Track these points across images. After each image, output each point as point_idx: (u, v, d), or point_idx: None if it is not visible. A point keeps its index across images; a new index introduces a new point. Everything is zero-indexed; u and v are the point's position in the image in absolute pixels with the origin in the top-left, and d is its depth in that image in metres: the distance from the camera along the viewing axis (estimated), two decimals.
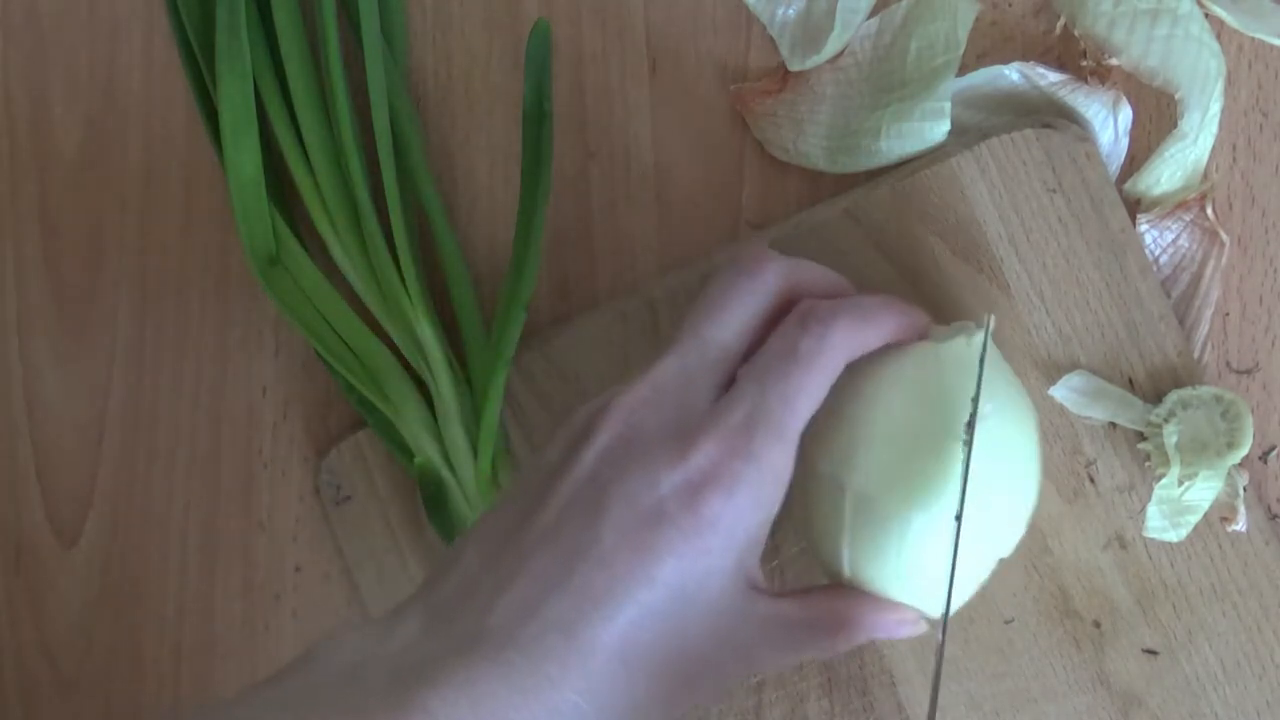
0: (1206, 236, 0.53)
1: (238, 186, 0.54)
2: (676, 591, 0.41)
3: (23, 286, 0.59)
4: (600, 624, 0.41)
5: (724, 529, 0.42)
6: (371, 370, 0.54)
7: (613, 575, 0.41)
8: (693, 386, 0.44)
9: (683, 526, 0.41)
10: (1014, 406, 0.48)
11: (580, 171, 0.56)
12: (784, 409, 0.43)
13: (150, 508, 0.58)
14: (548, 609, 0.41)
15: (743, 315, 0.45)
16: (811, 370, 0.44)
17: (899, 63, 0.54)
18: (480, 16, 0.57)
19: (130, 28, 0.59)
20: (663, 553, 0.41)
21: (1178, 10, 0.51)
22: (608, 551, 0.41)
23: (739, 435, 0.42)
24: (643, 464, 0.42)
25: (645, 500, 0.42)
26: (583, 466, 0.43)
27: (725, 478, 0.42)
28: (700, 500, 0.41)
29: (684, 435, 0.42)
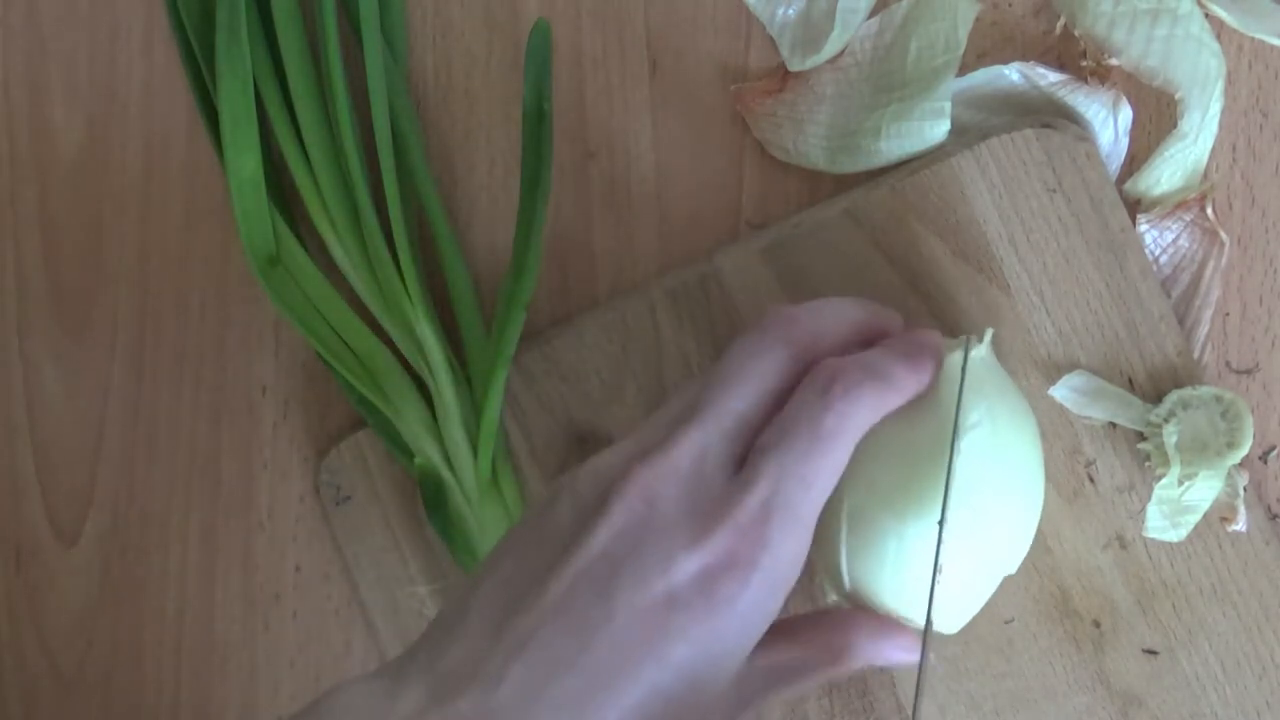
0: (1206, 236, 0.53)
1: (238, 186, 0.54)
2: (687, 675, 0.41)
3: (23, 286, 0.59)
4: (609, 706, 0.40)
5: (738, 615, 0.41)
6: (371, 370, 0.54)
7: (624, 656, 0.40)
8: (710, 462, 0.43)
9: (697, 612, 0.41)
10: (1017, 424, 0.48)
11: (580, 171, 0.56)
12: (803, 494, 0.42)
13: (150, 508, 0.58)
14: (556, 688, 0.40)
15: (763, 385, 0.44)
16: (833, 450, 0.43)
17: (899, 63, 0.54)
18: (480, 17, 0.57)
19: (130, 28, 0.59)
20: (675, 636, 0.41)
21: (1178, 10, 0.51)
22: (619, 630, 0.41)
23: (757, 523, 0.41)
24: (658, 544, 0.41)
25: (660, 583, 0.41)
26: (597, 540, 0.42)
27: (742, 565, 0.41)
28: (716, 587, 0.41)
29: (701, 517, 0.42)
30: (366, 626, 0.56)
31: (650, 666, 0.40)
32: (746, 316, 0.53)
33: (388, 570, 0.55)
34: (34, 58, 0.59)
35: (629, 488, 0.42)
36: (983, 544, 0.47)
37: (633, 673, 0.40)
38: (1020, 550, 0.48)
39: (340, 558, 0.56)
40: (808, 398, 0.43)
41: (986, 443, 0.46)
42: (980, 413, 0.46)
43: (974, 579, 0.47)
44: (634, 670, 0.40)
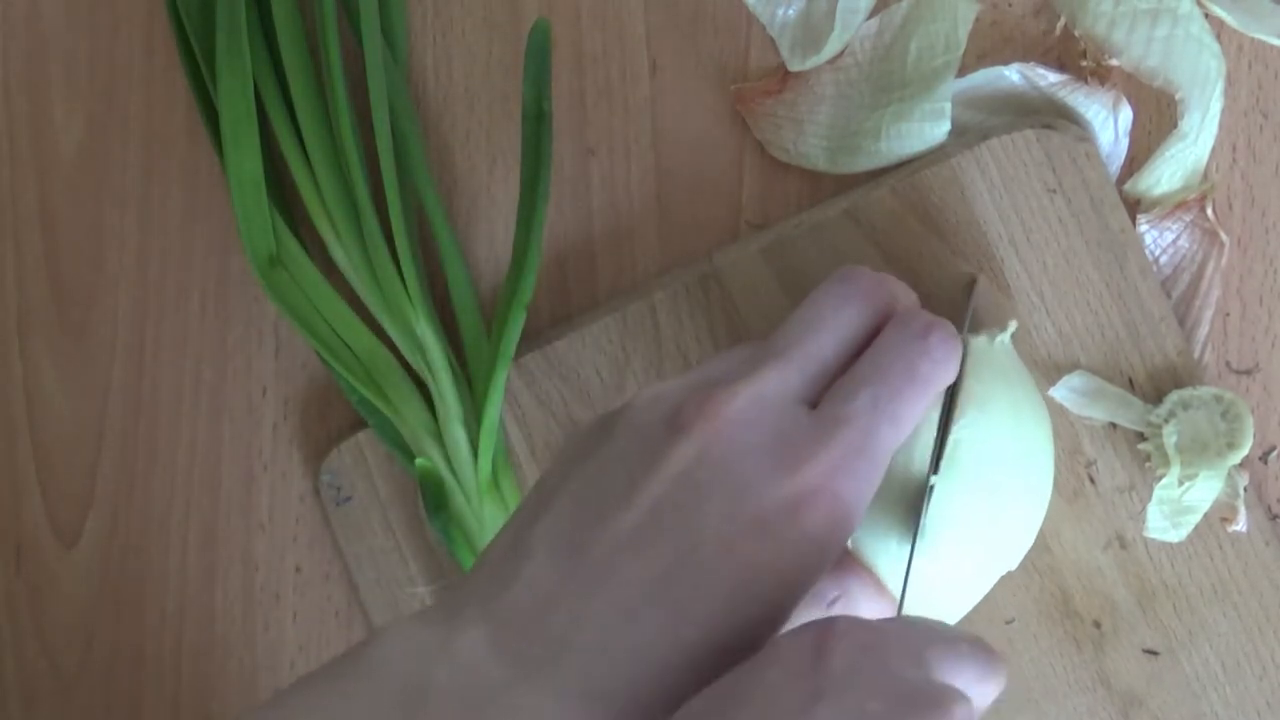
0: (1206, 237, 0.53)
1: (238, 186, 0.54)
2: (767, 605, 0.39)
3: (23, 286, 0.59)
4: (697, 641, 0.38)
5: (819, 549, 0.39)
6: (371, 370, 0.54)
7: (712, 590, 0.38)
8: (792, 400, 0.41)
9: (785, 542, 0.39)
10: (1034, 417, 0.48)
11: (580, 171, 0.56)
12: (891, 432, 0.41)
13: (150, 508, 0.58)
14: (640, 624, 0.38)
15: (844, 333, 0.43)
16: (924, 395, 0.42)
17: (899, 63, 0.54)
18: (480, 16, 0.57)
19: (130, 28, 0.59)
20: (765, 567, 0.38)
21: (1178, 10, 0.51)
22: (708, 559, 0.38)
23: (849, 456, 0.40)
24: (745, 468, 0.39)
25: (748, 507, 0.39)
26: (676, 462, 0.39)
27: (829, 496, 0.39)
28: (805, 516, 0.39)
29: (791, 446, 0.40)
30: (367, 628, 0.56)
31: (740, 598, 0.38)
32: (746, 317, 0.53)
33: (388, 570, 0.55)
34: (34, 58, 0.59)
35: (711, 408, 0.40)
36: (986, 533, 0.47)
37: (721, 607, 0.38)
38: (1023, 546, 0.48)
39: (340, 558, 0.56)
40: (905, 338, 0.43)
41: (1000, 429, 0.46)
42: (999, 396, 0.46)
43: (974, 571, 0.47)
44: (723, 604, 0.38)
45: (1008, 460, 0.47)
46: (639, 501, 0.39)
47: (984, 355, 0.48)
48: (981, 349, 0.48)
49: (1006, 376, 0.48)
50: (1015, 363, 0.49)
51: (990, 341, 0.48)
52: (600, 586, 0.38)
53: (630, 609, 0.38)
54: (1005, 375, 0.48)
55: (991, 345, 0.48)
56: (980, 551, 0.47)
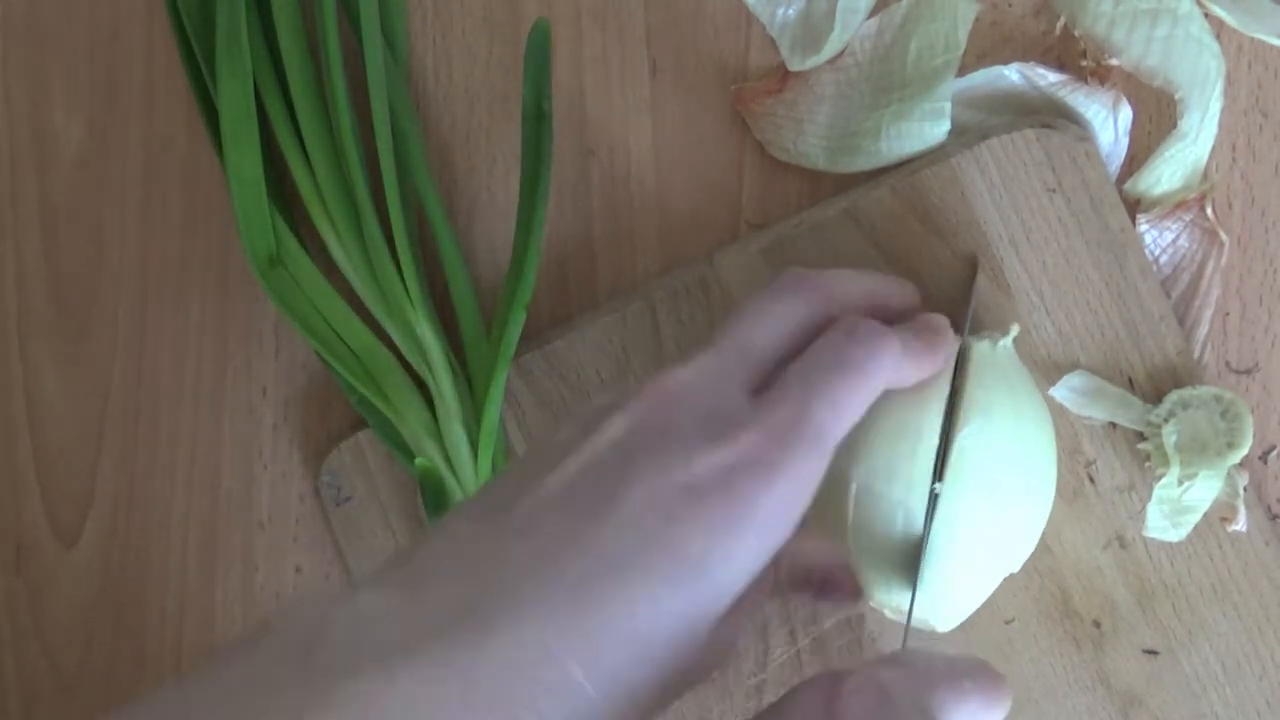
0: (1206, 236, 0.53)
1: (238, 186, 0.54)
2: (700, 572, 0.38)
3: (23, 286, 0.59)
4: (615, 591, 0.37)
5: (758, 520, 0.39)
6: (371, 370, 0.54)
7: (636, 540, 0.38)
8: (729, 383, 0.42)
9: (716, 506, 0.38)
10: (1036, 421, 0.48)
11: (580, 171, 0.56)
12: (829, 413, 0.41)
13: (150, 508, 0.58)
14: (553, 571, 0.37)
15: (782, 325, 0.44)
16: (858, 380, 0.42)
17: (899, 63, 0.54)
18: (480, 16, 0.57)
19: (130, 28, 0.59)
20: (694, 527, 0.38)
21: (1178, 10, 0.51)
22: (633, 516, 0.38)
23: (783, 429, 0.40)
24: (679, 440, 0.39)
25: (679, 473, 0.39)
26: (609, 432, 0.40)
27: (764, 466, 0.39)
28: (738, 483, 0.39)
29: (724, 422, 0.40)
30: None
31: (663, 555, 0.38)
32: None
33: None
34: (34, 58, 0.59)
35: (648, 388, 0.41)
36: (989, 537, 0.47)
37: (644, 559, 0.38)
38: (1025, 548, 0.49)
39: (340, 558, 0.56)
40: (835, 334, 0.43)
41: (1003, 434, 0.46)
42: (1002, 401, 0.47)
43: (976, 574, 0.47)
44: (646, 556, 0.38)
45: (1011, 465, 0.47)
46: (569, 464, 0.39)
47: (986, 360, 0.48)
48: (984, 354, 0.48)
49: (1009, 381, 0.48)
50: (1017, 366, 0.49)
51: (992, 346, 0.48)
52: (513, 541, 0.38)
53: (540, 561, 0.37)
54: (1008, 380, 0.48)
55: (994, 350, 0.48)
56: (984, 555, 0.47)
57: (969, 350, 0.48)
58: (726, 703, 0.53)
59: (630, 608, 0.37)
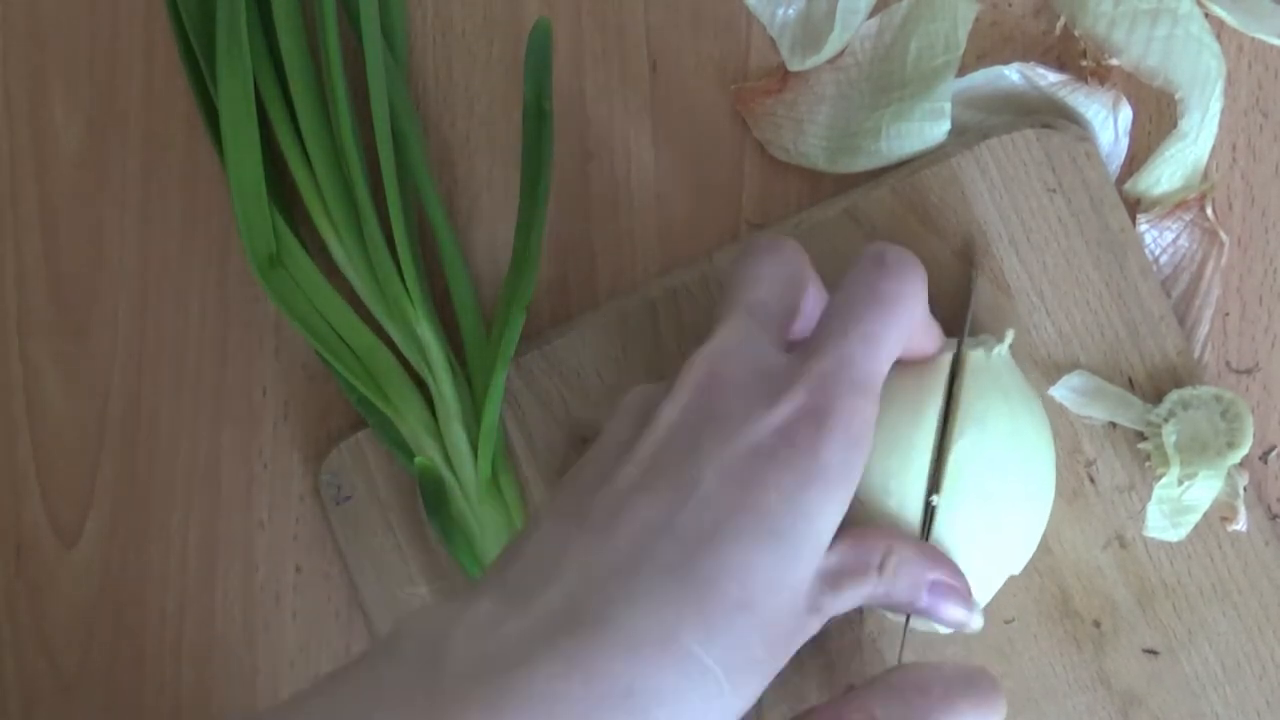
0: (1206, 236, 0.53)
1: (238, 186, 0.54)
2: (787, 529, 0.39)
3: (23, 286, 0.59)
4: (713, 561, 0.38)
5: (821, 467, 0.40)
6: (371, 370, 0.54)
7: (719, 513, 0.39)
8: (760, 346, 0.43)
9: (781, 460, 0.40)
10: (1033, 426, 0.48)
11: (580, 171, 0.56)
12: (868, 351, 0.42)
13: (150, 508, 0.58)
14: (653, 555, 0.38)
15: (775, 280, 0.45)
16: (894, 313, 0.43)
17: (899, 63, 0.54)
18: (480, 16, 0.57)
19: (130, 28, 0.59)
20: (767, 485, 0.39)
21: (1178, 10, 0.51)
22: (710, 489, 0.39)
23: (828, 379, 0.41)
24: (733, 408, 0.41)
25: (742, 439, 0.40)
26: (667, 417, 0.41)
27: (819, 415, 0.40)
28: (797, 436, 0.40)
29: (771, 380, 0.41)
30: (367, 627, 0.56)
31: (747, 519, 0.39)
32: None
33: (388, 570, 0.55)
34: (34, 58, 0.59)
35: (690, 369, 0.42)
36: (989, 542, 0.47)
37: (731, 529, 0.39)
38: (1025, 552, 0.49)
39: (340, 558, 0.56)
40: (861, 268, 0.44)
41: (1000, 443, 0.47)
42: (998, 411, 0.47)
43: (976, 579, 0.47)
44: (732, 526, 0.39)
45: (1009, 473, 0.47)
46: (636, 456, 0.41)
47: (982, 368, 0.48)
48: (979, 362, 0.48)
49: (1005, 389, 0.48)
50: (1013, 372, 0.49)
51: (988, 354, 0.48)
52: (609, 535, 0.39)
53: (636, 551, 0.39)
54: (1003, 388, 0.48)
55: (989, 358, 0.48)
56: (983, 561, 0.47)
57: (964, 358, 0.48)
58: None
59: (731, 577, 0.39)
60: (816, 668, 0.53)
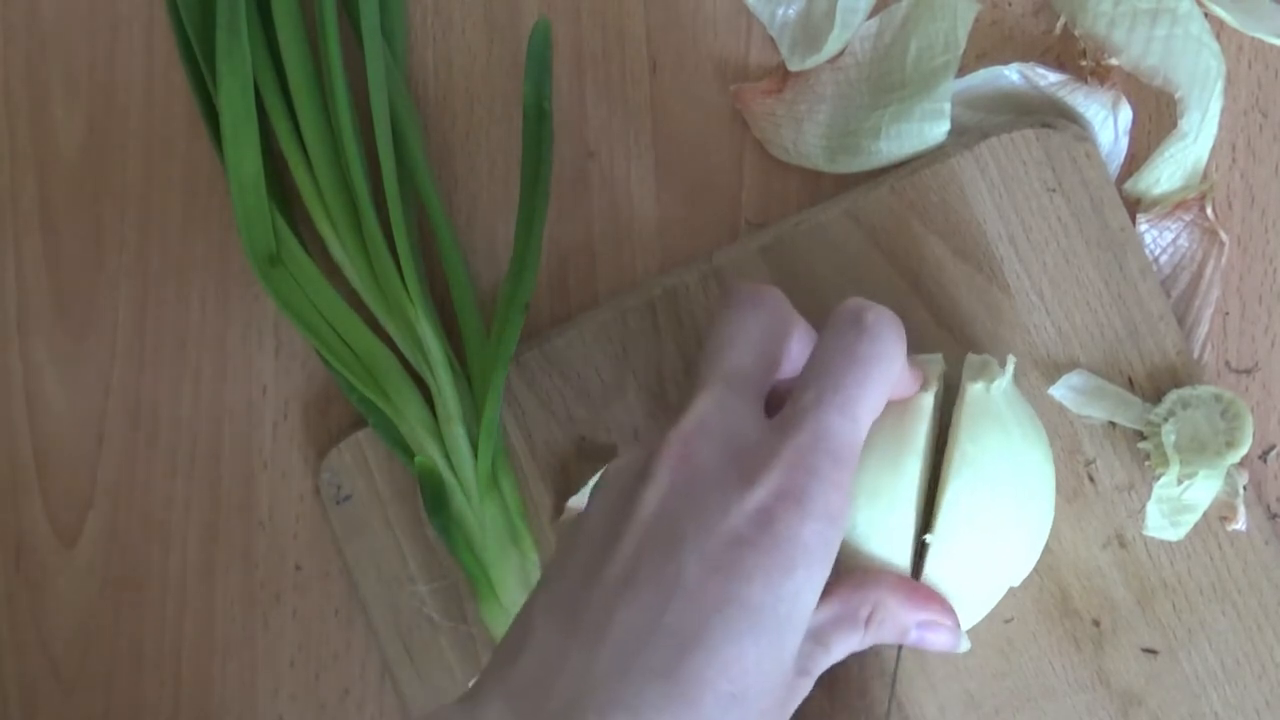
0: (1206, 236, 0.53)
1: (238, 186, 0.54)
2: (771, 618, 0.40)
3: (23, 286, 0.59)
4: (702, 659, 0.39)
5: (802, 549, 0.40)
6: (371, 370, 0.54)
7: (705, 608, 0.39)
8: (738, 416, 0.42)
9: (763, 548, 0.40)
10: (1031, 451, 0.48)
11: (580, 171, 0.56)
12: (845, 422, 0.41)
13: (150, 508, 0.58)
14: (644, 658, 0.39)
15: (752, 340, 0.44)
16: (872, 377, 0.42)
17: (899, 63, 0.54)
18: (480, 16, 0.57)
19: (130, 28, 0.59)
20: (749, 576, 0.40)
21: (1178, 10, 0.51)
22: (694, 584, 0.40)
23: (804, 454, 0.41)
24: (711, 493, 0.41)
25: (721, 528, 0.40)
26: (647, 506, 0.41)
27: (796, 497, 0.40)
28: (776, 520, 0.40)
29: (747, 459, 0.41)
30: (366, 626, 0.56)
31: (732, 612, 0.39)
32: None
33: (388, 570, 0.55)
34: (34, 57, 0.59)
35: (669, 448, 0.42)
36: (986, 568, 0.47)
37: (717, 624, 0.39)
38: (1025, 567, 0.49)
39: (340, 557, 0.56)
40: (839, 327, 0.43)
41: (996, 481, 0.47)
42: (995, 451, 0.47)
43: (973, 599, 0.48)
44: (719, 620, 0.39)
45: (1005, 508, 0.47)
46: (621, 550, 0.41)
47: (980, 405, 0.47)
48: (978, 398, 0.47)
49: (1004, 425, 0.47)
50: (1015, 404, 0.48)
51: (987, 389, 0.47)
52: (600, 639, 0.40)
53: (628, 655, 0.39)
54: (1002, 424, 0.47)
55: (989, 392, 0.47)
56: (980, 583, 0.48)
57: (964, 392, 0.48)
58: None
59: (721, 673, 0.39)
60: None
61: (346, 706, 0.57)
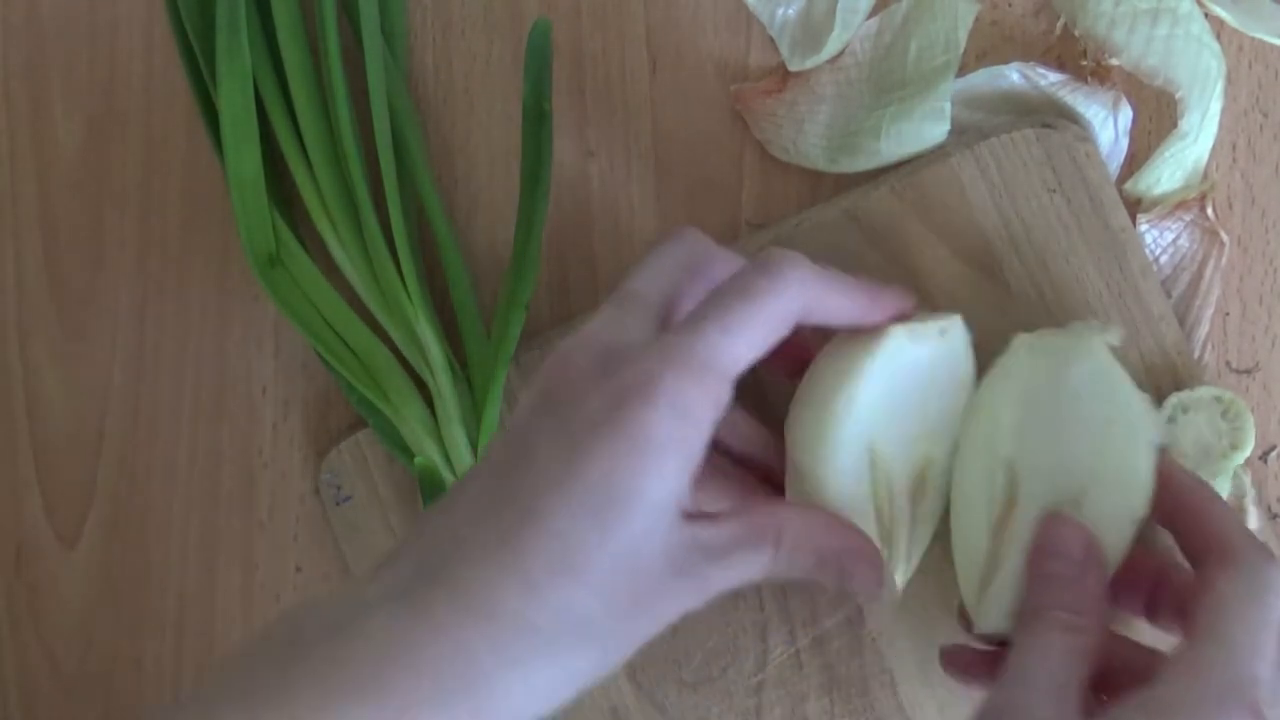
0: (1206, 236, 0.53)
1: (238, 186, 0.54)
2: (606, 495, 0.41)
3: (23, 286, 0.59)
4: (536, 527, 0.41)
5: (649, 432, 0.41)
6: (371, 370, 0.54)
7: (546, 481, 0.41)
8: (620, 329, 0.44)
9: (605, 431, 0.41)
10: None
11: (580, 171, 0.56)
12: (718, 340, 0.42)
13: (150, 508, 0.58)
14: (488, 525, 0.41)
15: (667, 267, 0.46)
16: (758, 306, 0.43)
17: (899, 63, 0.54)
18: (480, 16, 0.57)
19: (130, 28, 0.59)
20: (591, 453, 0.41)
21: (1178, 10, 0.51)
22: (543, 463, 0.42)
23: (668, 354, 0.42)
24: (575, 388, 0.43)
25: (576, 415, 0.42)
26: (521, 412, 0.44)
27: (647, 384, 0.41)
28: (624, 406, 0.41)
29: (614, 357, 0.43)
30: None
31: (573, 487, 0.41)
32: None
33: None
34: (34, 58, 0.59)
35: (547, 361, 0.44)
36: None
37: (556, 498, 0.41)
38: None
39: (340, 558, 0.56)
40: (745, 268, 0.44)
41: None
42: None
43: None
44: (558, 494, 0.41)
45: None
46: (492, 453, 0.44)
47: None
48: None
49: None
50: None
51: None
52: (451, 513, 0.43)
53: (475, 521, 0.42)
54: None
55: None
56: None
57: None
58: (726, 703, 0.53)
59: (552, 543, 0.41)
60: (816, 668, 0.53)
61: None
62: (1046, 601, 0.44)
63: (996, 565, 0.47)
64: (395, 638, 0.40)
